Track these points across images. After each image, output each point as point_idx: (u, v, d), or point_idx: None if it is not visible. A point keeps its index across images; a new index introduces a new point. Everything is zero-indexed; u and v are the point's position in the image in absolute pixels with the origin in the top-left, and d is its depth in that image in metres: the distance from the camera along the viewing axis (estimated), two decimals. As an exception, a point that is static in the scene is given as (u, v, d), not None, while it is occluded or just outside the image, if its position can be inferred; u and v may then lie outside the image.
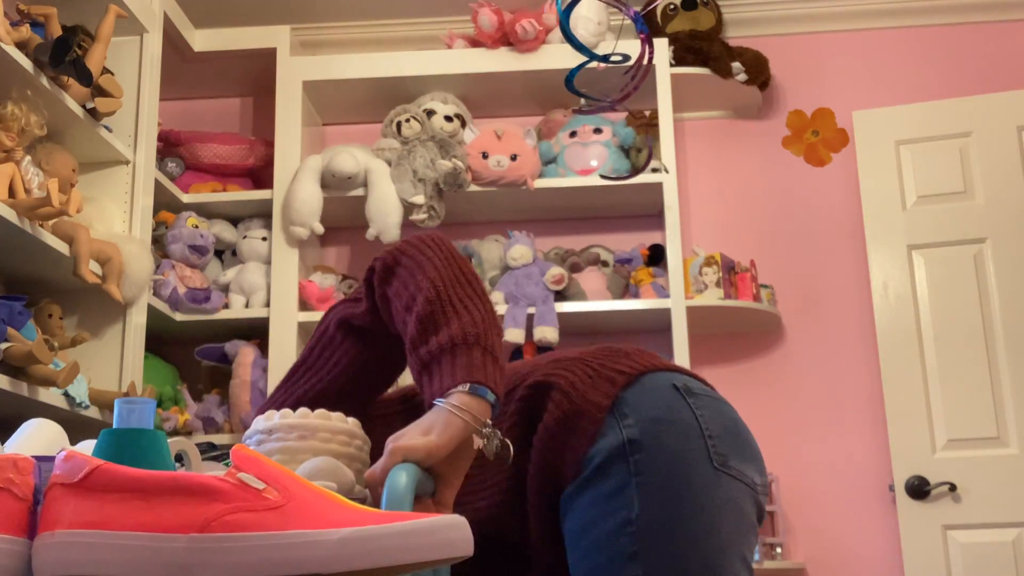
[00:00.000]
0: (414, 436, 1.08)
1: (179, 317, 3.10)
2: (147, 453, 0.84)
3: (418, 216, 3.14)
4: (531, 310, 3.06)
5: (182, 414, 3.03)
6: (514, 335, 3.03)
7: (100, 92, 2.58)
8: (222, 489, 0.79)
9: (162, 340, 3.10)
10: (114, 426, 0.89)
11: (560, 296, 3.14)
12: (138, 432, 0.86)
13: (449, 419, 1.09)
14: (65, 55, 2.35)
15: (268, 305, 3.15)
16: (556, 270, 3.12)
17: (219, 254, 3.35)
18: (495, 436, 1.10)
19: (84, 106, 2.55)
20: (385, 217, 3.14)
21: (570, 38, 1.53)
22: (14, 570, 0.75)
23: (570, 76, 1.69)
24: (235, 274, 3.25)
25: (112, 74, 2.65)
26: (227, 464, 1.16)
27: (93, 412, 2.45)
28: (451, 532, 0.79)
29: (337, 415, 1.06)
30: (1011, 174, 3.24)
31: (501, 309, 3.08)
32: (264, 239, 3.27)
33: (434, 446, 1.07)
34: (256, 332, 3.18)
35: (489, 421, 1.10)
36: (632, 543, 1.17)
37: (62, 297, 2.57)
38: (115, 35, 2.63)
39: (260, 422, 1.01)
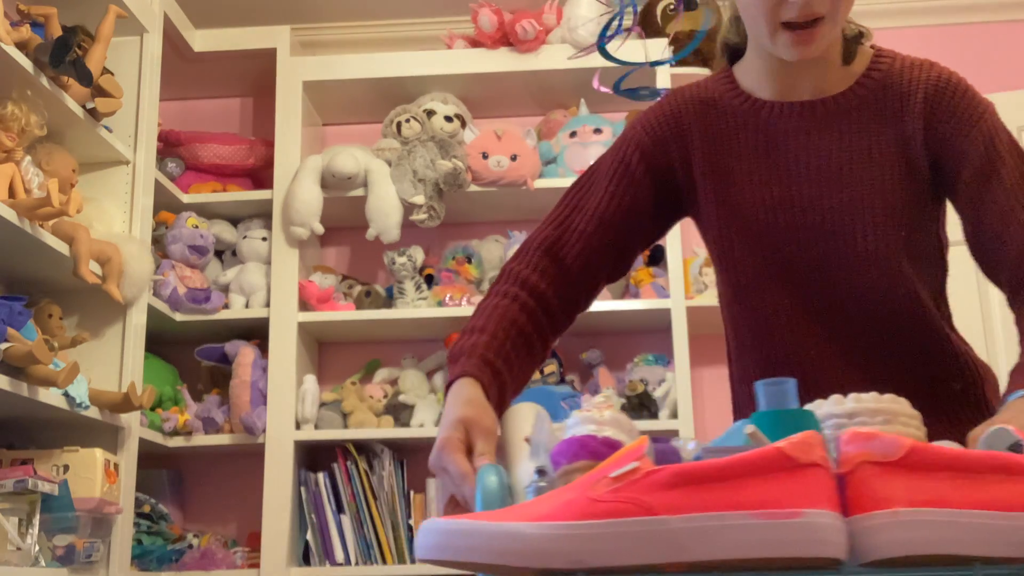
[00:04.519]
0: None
1: (179, 317, 3.10)
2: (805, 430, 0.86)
3: (418, 216, 3.14)
4: (531, 310, 3.05)
5: (182, 414, 3.03)
6: (514, 335, 3.03)
7: (100, 92, 2.57)
8: None
9: (162, 340, 3.10)
10: (760, 409, 0.90)
11: (560, 296, 3.13)
12: (798, 412, 0.88)
13: None
14: (65, 55, 2.35)
15: (268, 305, 3.15)
16: (556, 270, 3.11)
17: (219, 254, 3.35)
18: None
19: (84, 106, 2.55)
20: (385, 217, 3.14)
21: (611, 60, 1.69)
22: (845, 547, 0.76)
23: (617, 84, 2.00)
24: (235, 274, 3.25)
25: (112, 74, 2.65)
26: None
27: (93, 412, 2.45)
28: None
29: (902, 399, 1.01)
30: (1011, 174, 3.23)
31: (501, 309, 3.08)
32: (264, 239, 3.27)
33: None
34: (256, 332, 3.18)
35: None
36: None
37: (62, 297, 2.57)
38: (115, 35, 2.63)
39: (831, 406, 0.98)
